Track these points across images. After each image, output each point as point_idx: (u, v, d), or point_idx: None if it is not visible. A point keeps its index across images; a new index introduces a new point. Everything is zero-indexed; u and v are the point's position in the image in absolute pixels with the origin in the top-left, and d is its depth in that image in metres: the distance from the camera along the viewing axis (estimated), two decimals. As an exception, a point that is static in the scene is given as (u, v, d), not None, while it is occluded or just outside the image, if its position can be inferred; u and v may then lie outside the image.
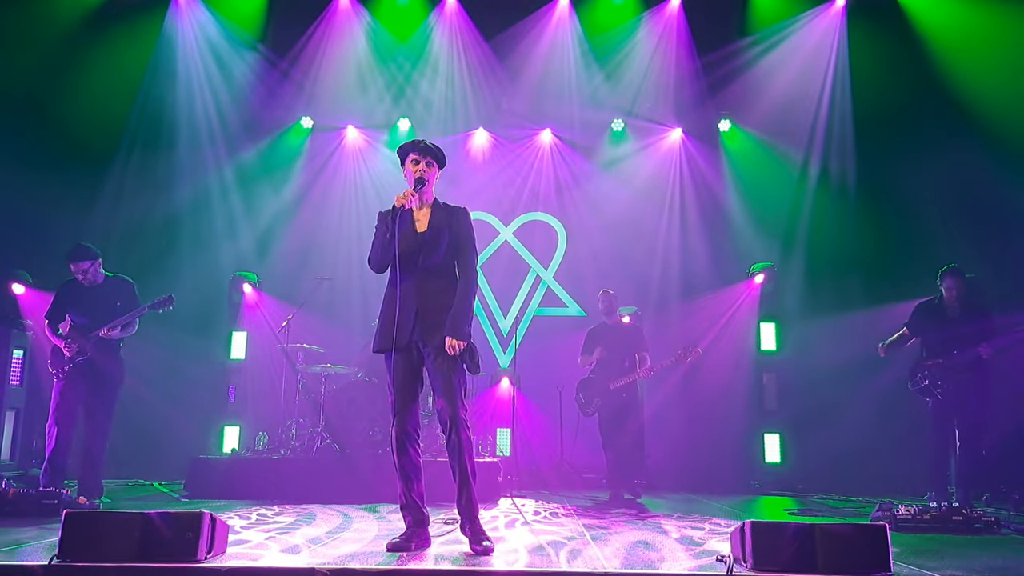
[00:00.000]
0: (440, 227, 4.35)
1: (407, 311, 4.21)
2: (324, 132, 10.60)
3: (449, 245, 4.35)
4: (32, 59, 8.88)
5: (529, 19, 10.07)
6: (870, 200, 9.44)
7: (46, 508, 5.44)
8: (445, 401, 4.14)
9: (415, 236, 4.32)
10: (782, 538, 3.47)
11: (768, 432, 9.23)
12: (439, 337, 4.18)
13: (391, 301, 4.26)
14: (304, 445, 7.81)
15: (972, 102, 8.67)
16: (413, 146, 4.44)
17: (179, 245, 9.73)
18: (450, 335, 4.16)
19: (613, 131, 10.66)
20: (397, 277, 4.24)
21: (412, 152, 4.41)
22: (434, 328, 4.20)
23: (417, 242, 4.30)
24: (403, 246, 4.26)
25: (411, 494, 4.18)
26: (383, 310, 4.35)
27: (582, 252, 10.60)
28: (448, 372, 4.17)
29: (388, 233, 4.25)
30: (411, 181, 4.38)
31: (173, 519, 3.55)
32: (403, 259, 4.24)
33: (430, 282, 4.28)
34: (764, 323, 9.59)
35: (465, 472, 4.10)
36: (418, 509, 4.19)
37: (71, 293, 6.37)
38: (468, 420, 4.20)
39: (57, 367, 6.22)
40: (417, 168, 4.37)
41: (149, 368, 8.18)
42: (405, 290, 4.22)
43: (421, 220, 4.38)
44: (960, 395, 6.30)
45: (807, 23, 9.91)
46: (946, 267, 6.59)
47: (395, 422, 4.21)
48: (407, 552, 3.96)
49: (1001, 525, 5.29)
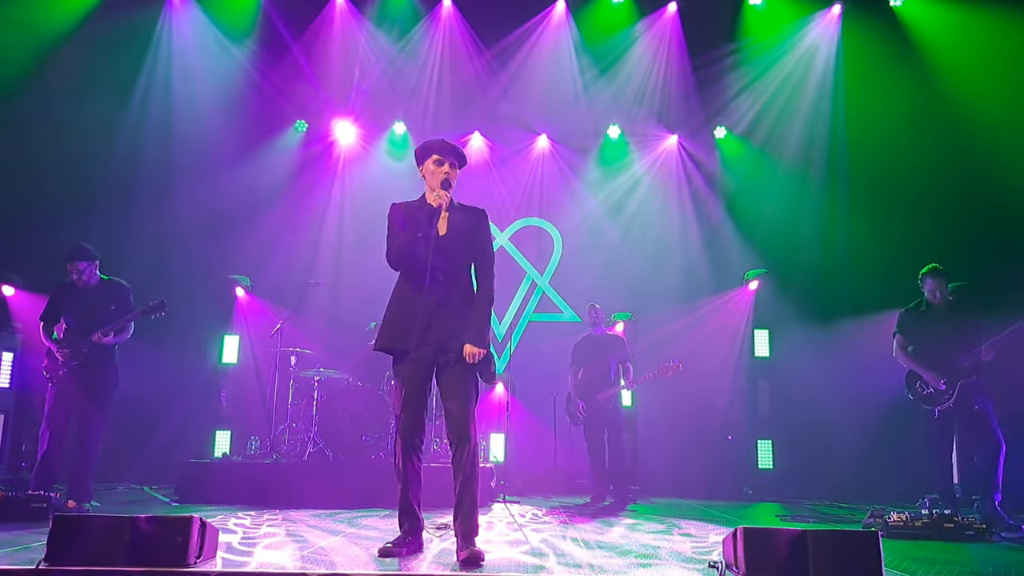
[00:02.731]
0: (460, 230, 4.24)
1: (422, 314, 4.05)
2: (318, 135, 10.59)
3: (468, 249, 4.26)
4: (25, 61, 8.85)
5: (526, 24, 10.09)
6: (864, 207, 9.45)
7: (35, 512, 5.40)
8: (458, 412, 4.04)
9: (435, 238, 4.17)
10: (774, 544, 3.46)
11: (761, 438, 9.25)
12: (456, 344, 4.09)
13: (404, 301, 4.15)
14: (296, 450, 7.78)
15: (967, 109, 8.71)
16: (436, 145, 4.31)
17: (172, 248, 9.69)
18: (471, 342, 4.07)
19: (609, 137, 10.67)
20: (413, 278, 4.11)
21: (434, 152, 4.30)
22: (451, 335, 4.10)
23: (437, 244, 4.15)
24: (424, 247, 4.13)
25: (410, 500, 4.12)
26: (393, 309, 4.23)
27: (577, 258, 10.61)
28: (464, 382, 4.08)
29: (419, 232, 4.11)
30: (431, 181, 4.27)
31: (163, 523, 3.52)
32: (423, 260, 4.10)
33: (448, 286, 4.16)
34: (758, 330, 9.63)
35: (469, 488, 3.99)
36: (415, 516, 4.14)
37: (65, 295, 6.34)
38: (478, 433, 4.11)
39: (51, 371, 6.19)
40: (441, 169, 4.26)
41: (140, 371, 8.11)
42: (420, 292, 4.05)
43: (441, 222, 4.23)
44: (967, 402, 6.12)
45: (803, 31, 9.94)
46: (927, 268, 6.46)
47: (401, 427, 4.10)
48: (399, 557, 3.95)
49: (993, 532, 5.30)
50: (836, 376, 8.72)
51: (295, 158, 10.47)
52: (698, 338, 9.58)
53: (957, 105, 8.82)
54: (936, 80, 9.09)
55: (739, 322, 9.71)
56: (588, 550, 4.43)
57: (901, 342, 6.53)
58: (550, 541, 4.81)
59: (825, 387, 8.82)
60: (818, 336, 9.04)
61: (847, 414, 8.61)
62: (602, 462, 7.84)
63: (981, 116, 8.57)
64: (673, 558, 4.18)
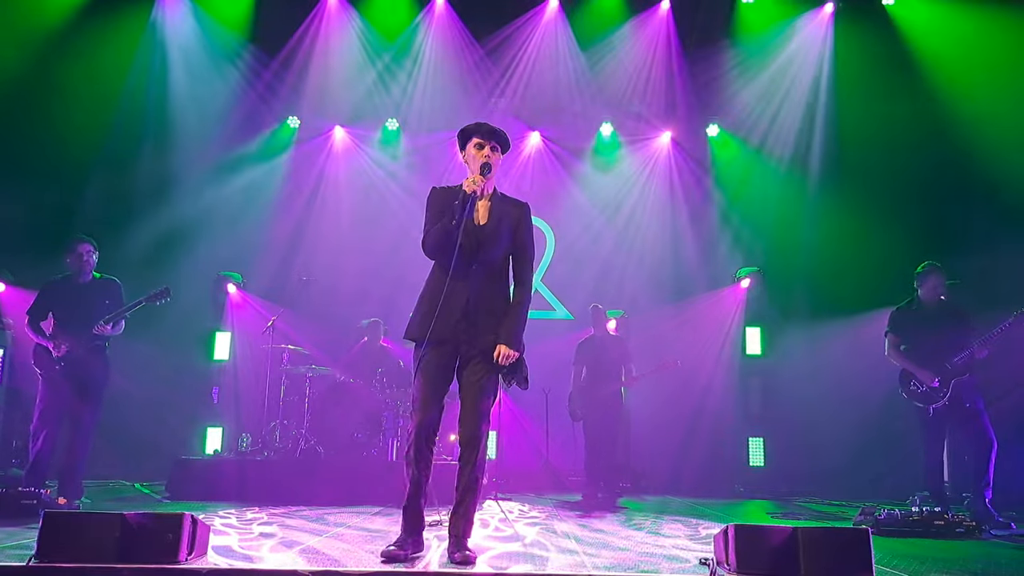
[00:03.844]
0: (502, 220, 4.05)
1: (455, 306, 3.88)
2: (311, 131, 10.56)
3: (509, 242, 4.06)
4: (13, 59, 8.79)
5: (518, 21, 10.08)
6: (856, 204, 9.48)
7: (25, 508, 5.36)
8: (472, 413, 3.88)
9: (474, 227, 3.99)
10: (765, 542, 3.47)
11: (752, 436, 9.27)
12: (484, 341, 3.90)
13: (437, 291, 3.91)
14: (288, 447, 7.77)
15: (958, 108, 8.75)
16: (477, 129, 4.11)
17: (163, 245, 9.65)
18: (504, 343, 3.88)
19: (601, 135, 10.67)
20: (450, 267, 3.87)
21: (476, 136, 4.10)
22: (482, 331, 3.91)
23: (476, 234, 3.97)
24: (460, 236, 3.91)
25: (417, 498, 3.89)
26: (426, 299, 3.99)
27: (570, 255, 10.61)
28: (485, 382, 3.90)
29: (454, 220, 3.88)
30: (473, 166, 4.06)
31: (154, 520, 3.51)
32: (459, 250, 3.89)
33: (484, 279, 3.97)
34: (750, 327, 9.65)
35: (470, 492, 3.87)
36: (419, 515, 3.92)
37: (57, 291, 6.31)
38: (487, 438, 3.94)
39: (45, 366, 6.15)
40: (482, 153, 4.05)
41: (132, 368, 8.09)
42: (456, 283, 3.88)
43: (481, 211, 4.06)
44: (960, 400, 6.16)
45: (795, 29, 9.95)
46: (927, 264, 6.46)
47: (417, 422, 3.86)
48: (404, 562, 3.74)
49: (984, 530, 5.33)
50: (827, 374, 8.76)
51: (287, 154, 10.45)
52: (690, 336, 9.61)
53: (949, 104, 8.86)
54: (928, 79, 9.13)
55: (731, 320, 9.73)
56: (579, 546, 4.43)
57: (894, 341, 6.54)
58: (542, 537, 4.81)
59: (816, 385, 8.86)
60: (810, 334, 9.07)
61: (838, 412, 8.65)
62: (598, 460, 7.81)
63: (972, 114, 8.61)
64: (663, 555, 4.19)
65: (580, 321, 10.12)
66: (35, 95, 8.98)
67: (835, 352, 8.63)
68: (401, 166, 10.42)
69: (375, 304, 9.35)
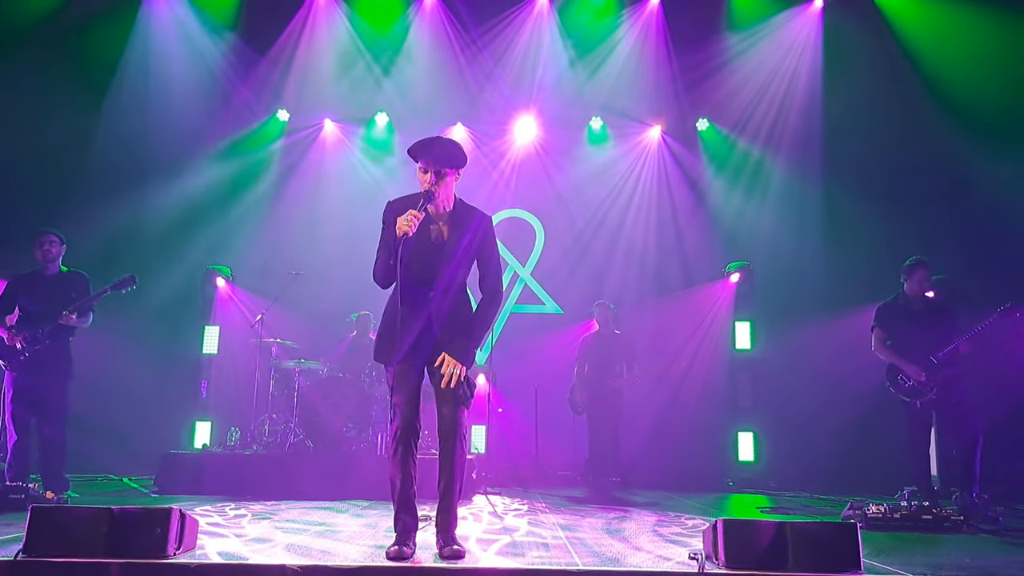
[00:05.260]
0: (462, 236, 3.90)
1: (414, 328, 3.84)
2: (300, 125, 10.51)
3: (471, 257, 3.94)
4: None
5: (508, 15, 10.06)
6: (845, 200, 9.50)
7: (12, 503, 5.35)
8: (450, 415, 3.87)
9: (431, 246, 3.88)
10: (754, 536, 3.49)
11: (742, 430, 9.30)
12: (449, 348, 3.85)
13: (394, 312, 3.80)
14: (277, 441, 7.75)
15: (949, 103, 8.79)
16: (420, 151, 3.84)
17: (151, 238, 9.59)
18: (456, 357, 3.81)
19: (591, 129, 10.67)
20: (407, 288, 3.79)
21: (418, 159, 3.85)
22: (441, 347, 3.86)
23: (435, 253, 3.87)
24: (418, 256, 3.82)
25: (408, 496, 3.89)
26: (387, 322, 3.89)
27: (560, 249, 10.61)
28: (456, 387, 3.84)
29: (392, 259, 3.72)
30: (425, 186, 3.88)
31: (142, 515, 3.49)
32: (417, 270, 3.83)
33: (447, 298, 3.89)
34: (739, 322, 9.67)
35: (452, 484, 3.88)
36: (413, 512, 3.92)
37: (25, 284, 6.26)
38: (469, 430, 3.98)
39: (9, 358, 6.10)
40: (425, 179, 3.82)
41: (120, 362, 8.06)
42: (414, 305, 3.84)
43: (440, 228, 3.92)
44: (946, 394, 6.18)
45: (784, 23, 9.96)
46: (914, 258, 6.47)
47: (396, 425, 3.86)
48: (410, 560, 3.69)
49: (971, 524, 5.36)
50: (817, 368, 8.78)
51: (276, 148, 10.40)
52: (679, 330, 9.63)
53: (939, 99, 8.89)
54: (918, 74, 9.15)
55: (720, 314, 9.76)
56: (568, 541, 4.43)
57: (880, 336, 6.56)
58: (531, 531, 4.81)
59: (806, 379, 8.89)
60: (799, 329, 9.08)
61: (828, 406, 8.66)
62: (599, 452, 8.01)
63: (963, 110, 8.64)
64: (653, 549, 4.19)
65: (570, 316, 10.14)
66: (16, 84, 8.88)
67: (824, 346, 8.65)
68: (391, 159, 10.39)
69: (364, 298, 9.31)
